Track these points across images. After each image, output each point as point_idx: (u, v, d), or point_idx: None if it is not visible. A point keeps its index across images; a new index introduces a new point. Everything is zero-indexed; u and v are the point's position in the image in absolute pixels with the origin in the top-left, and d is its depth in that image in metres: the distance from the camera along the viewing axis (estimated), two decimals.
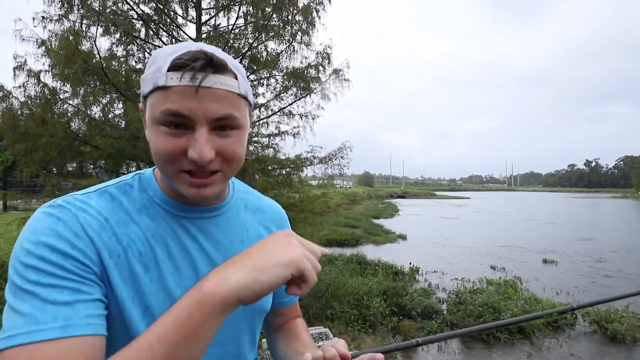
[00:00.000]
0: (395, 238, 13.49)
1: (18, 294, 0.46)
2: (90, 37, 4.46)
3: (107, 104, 5.20)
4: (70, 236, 0.50)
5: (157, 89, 0.52)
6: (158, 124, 0.52)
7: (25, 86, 4.61)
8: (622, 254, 11.09)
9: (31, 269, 0.46)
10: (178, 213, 0.61)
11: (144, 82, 0.54)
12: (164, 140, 0.52)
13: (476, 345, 4.77)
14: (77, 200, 0.55)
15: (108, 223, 0.55)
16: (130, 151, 4.64)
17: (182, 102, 0.50)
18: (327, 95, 5.83)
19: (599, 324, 5.28)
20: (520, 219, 21.83)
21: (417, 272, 8.19)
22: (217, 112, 0.52)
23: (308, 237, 6.35)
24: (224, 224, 0.66)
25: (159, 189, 0.62)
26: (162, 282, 0.57)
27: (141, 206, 0.59)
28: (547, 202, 45.89)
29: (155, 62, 0.53)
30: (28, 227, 0.50)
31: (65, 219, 0.51)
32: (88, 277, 0.50)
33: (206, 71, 0.50)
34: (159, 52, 0.55)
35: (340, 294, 5.47)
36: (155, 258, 0.57)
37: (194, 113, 0.51)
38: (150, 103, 0.53)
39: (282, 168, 5.71)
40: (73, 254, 0.49)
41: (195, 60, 0.50)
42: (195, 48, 0.52)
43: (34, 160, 4.50)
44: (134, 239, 0.56)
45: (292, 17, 5.41)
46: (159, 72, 0.51)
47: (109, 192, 0.59)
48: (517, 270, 8.75)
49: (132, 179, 0.63)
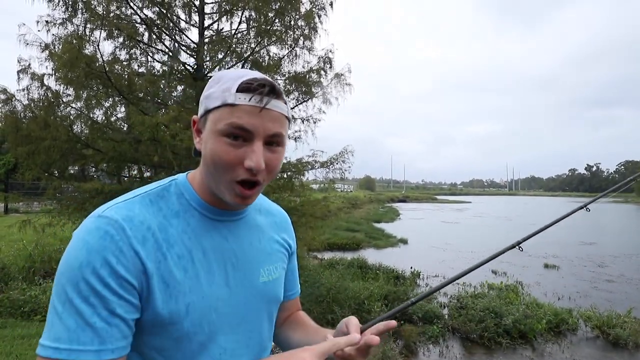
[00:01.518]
0: (397, 242, 13.45)
1: (67, 306, 0.53)
2: (93, 41, 4.49)
3: (109, 107, 5.21)
4: (116, 252, 0.56)
5: (225, 105, 0.60)
6: (221, 135, 0.60)
7: (28, 89, 4.64)
8: (623, 259, 11.05)
9: (80, 285, 0.54)
10: (212, 216, 0.68)
11: (209, 99, 0.62)
12: (225, 150, 0.60)
13: (477, 350, 4.75)
14: (123, 209, 0.60)
15: (150, 231, 0.60)
16: (132, 154, 4.65)
17: (247, 119, 0.59)
18: (328, 100, 5.85)
19: (601, 329, 5.26)
20: (522, 223, 21.76)
21: (418, 276, 8.15)
22: (272, 129, 0.61)
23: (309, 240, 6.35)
24: (246, 226, 0.74)
25: (195, 193, 0.68)
26: (198, 279, 0.63)
27: (178, 209, 0.66)
28: (548, 206, 45.78)
29: (221, 82, 0.62)
30: (79, 237, 0.57)
31: (112, 232, 0.56)
32: (125, 296, 0.56)
33: (270, 96, 0.60)
34: (224, 74, 0.63)
35: (341, 298, 5.45)
36: (192, 259, 0.63)
37: (255, 128, 0.59)
38: (214, 117, 0.61)
39: (284, 172, 5.72)
40: (117, 270, 0.55)
41: (262, 85, 0.59)
42: (260, 76, 0.62)
43: (36, 163, 4.52)
44: (172, 243, 0.62)
45: (295, 22, 5.45)
46: (228, 92, 0.60)
47: (149, 198, 0.65)
48: (519, 274, 8.72)
49: (169, 184, 0.69)
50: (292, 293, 0.91)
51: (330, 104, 5.87)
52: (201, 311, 0.62)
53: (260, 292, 0.71)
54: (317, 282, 5.74)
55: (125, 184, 5.09)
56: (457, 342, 4.98)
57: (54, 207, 5.04)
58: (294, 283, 0.91)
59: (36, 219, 5.07)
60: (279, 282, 0.78)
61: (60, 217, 4.94)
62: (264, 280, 0.73)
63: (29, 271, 5.96)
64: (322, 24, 5.54)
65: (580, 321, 5.57)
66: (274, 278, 0.75)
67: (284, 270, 0.80)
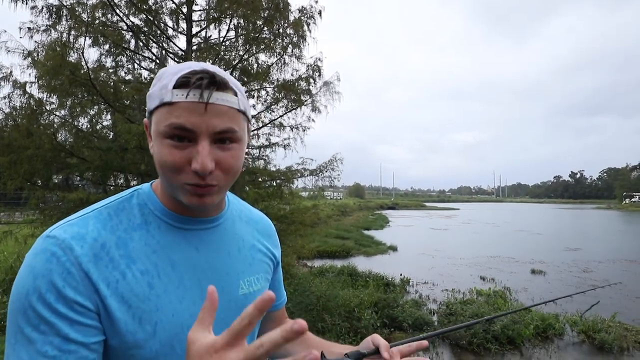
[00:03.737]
0: (386, 249, 13.46)
1: (19, 337, 0.50)
2: (78, 48, 4.43)
3: (94, 115, 5.13)
4: (63, 274, 0.52)
5: (163, 104, 0.55)
6: (163, 137, 0.55)
7: (10, 97, 4.54)
8: (607, 264, 11.26)
9: (28, 313, 0.50)
10: (179, 225, 0.63)
11: (150, 99, 0.58)
12: (169, 153, 0.55)
13: (467, 357, 4.76)
14: (74, 226, 0.56)
15: (105, 249, 0.56)
16: (118, 163, 4.58)
17: (187, 117, 0.54)
18: (317, 108, 5.88)
19: (586, 333, 5.33)
20: (509, 230, 22.05)
21: (408, 283, 8.18)
22: (218, 126, 0.55)
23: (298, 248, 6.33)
24: (221, 234, 0.68)
25: (159, 202, 0.63)
26: (167, 295, 0.58)
27: (141, 222, 0.61)
28: (535, 213, 46.57)
29: (161, 79, 0.57)
30: (27, 262, 0.53)
31: (59, 254, 0.52)
32: (78, 319, 0.52)
33: (210, 89, 0.54)
34: (165, 70, 0.58)
35: (331, 306, 5.41)
36: (159, 273, 0.59)
37: (197, 127, 0.54)
38: (156, 118, 0.57)
39: (273, 180, 5.70)
40: (65, 294, 0.51)
41: (200, 79, 0.53)
42: (199, 67, 0.56)
43: (19, 172, 4.40)
44: (134, 258, 0.58)
45: (283, 31, 5.48)
46: (165, 89, 0.55)
47: (107, 212, 0.60)
48: (507, 280, 8.81)
49: (130, 195, 0.64)
50: (278, 303, 0.86)
51: (320, 112, 5.90)
52: (171, 330, 0.57)
53: (239, 306, 0.65)
54: (306, 290, 5.70)
55: (111, 193, 5.00)
56: (447, 349, 4.99)
57: (37, 218, 4.92)
58: (280, 292, 0.87)
59: (18, 229, 4.93)
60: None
61: (43, 227, 4.81)
62: (244, 292, 0.68)
63: (10, 283, 5.77)
64: (311, 33, 5.59)
65: (566, 326, 5.64)
66: (255, 290, 0.70)
67: (267, 282, 0.75)
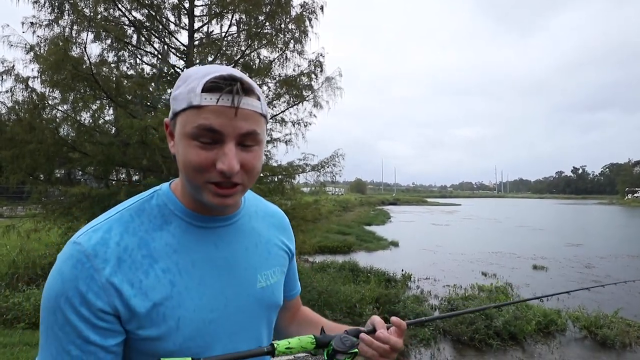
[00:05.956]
0: (388, 245, 13.50)
1: (49, 333, 0.57)
2: (80, 43, 4.42)
3: (97, 110, 5.13)
4: (87, 280, 0.56)
5: (191, 107, 0.57)
6: (190, 138, 0.57)
7: (12, 91, 4.54)
8: (610, 260, 11.26)
9: (56, 314, 0.56)
10: (199, 224, 0.66)
11: (175, 101, 0.59)
12: (195, 153, 0.57)
13: (468, 352, 4.78)
14: (98, 232, 0.59)
15: (127, 252, 0.59)
16: (120, 158, 4.59)
17: (215, 120, 0.56)
18: (319, 103, 5.86)
19: (589, 329, 5.33)
20: (511, 225, 22.02)
21: (410, 279, 8.18)
22: (244, 128, 0.58)
23: (300, 244, 6.35)
24: (239, 231, 0.71)
25: (179, 202, 0.66)
26: (188, 292, 0.61)
27: (162, 222, 0.64)
28: (536, 208, 46.47)
29: (187, 82, 0.59)
30: (57, 266, 0.58)
31: (84, 260, 0.56)
32: (99, 324, 0.56)
33: (240, 95, 0.56)
34: (191, 72, 0.60)
35: (332, 302, 5.43)
36: (180, 271, 0.61)
37: (225, 129, 0.56)
38: (182, 119, 0.59)
39: (274, 175, 5.70)
40: (88, 299, 0.55)
41: (230, 84, 0.56)
42: (226, 72, 0.58)
43: (21, 166, 4.41)
44: (156, 258, 0.60)
45: (285, 26, 5.45)
46: (193, 92, 0.57)
47: (129, 214, 0.63)
48: (508, 276, 8.81)
49: (150, 196, 0.66)
50: (293, 292, 0.90)
51: (321, 108, 5.89)
52: (193, 324, 0.61)
53: (258, 299, 0.70)
54: (308, 285, 5.71)
55: (113, 187, 5.01)
56: (449, 344, 5.00)
57: (39, 212, 4.94)
58: (294, 283, 0.90)
59: (20, 224, 4.95)
60: (278, 287, 0.76)
61: (45, 222, 4.83)
62: (262, 285, 0.71)
63: (13, 277, 5.81)
64: (313, 28, 5.56)
65: (568, 322, 5.64)
66: (272, 283, 0.73)
67: (283, 275, 0.78)
